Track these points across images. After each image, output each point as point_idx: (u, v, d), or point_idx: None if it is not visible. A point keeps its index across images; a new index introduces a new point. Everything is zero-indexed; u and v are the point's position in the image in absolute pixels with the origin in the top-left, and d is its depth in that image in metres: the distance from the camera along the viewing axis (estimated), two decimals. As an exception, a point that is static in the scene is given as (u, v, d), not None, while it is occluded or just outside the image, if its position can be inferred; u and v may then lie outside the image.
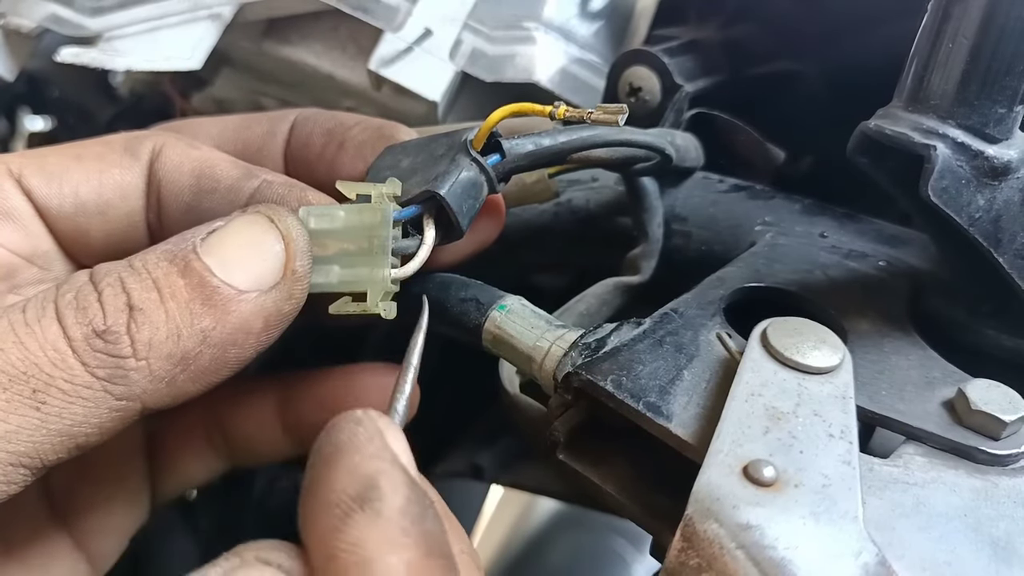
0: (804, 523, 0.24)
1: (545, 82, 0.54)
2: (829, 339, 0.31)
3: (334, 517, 0.23)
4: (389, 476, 0.23)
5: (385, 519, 0.22)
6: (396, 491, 0.23)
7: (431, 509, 0.24)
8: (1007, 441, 0.29)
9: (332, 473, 0.24)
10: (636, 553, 1.00)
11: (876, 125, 0.31)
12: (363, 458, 0.24)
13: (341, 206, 0.33)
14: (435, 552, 0.23)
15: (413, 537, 0.22)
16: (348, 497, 0.23)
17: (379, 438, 0.24)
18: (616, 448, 0.33)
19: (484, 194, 0.35)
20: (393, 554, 0.22)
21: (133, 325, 0.28)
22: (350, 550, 0.22)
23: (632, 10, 0.59)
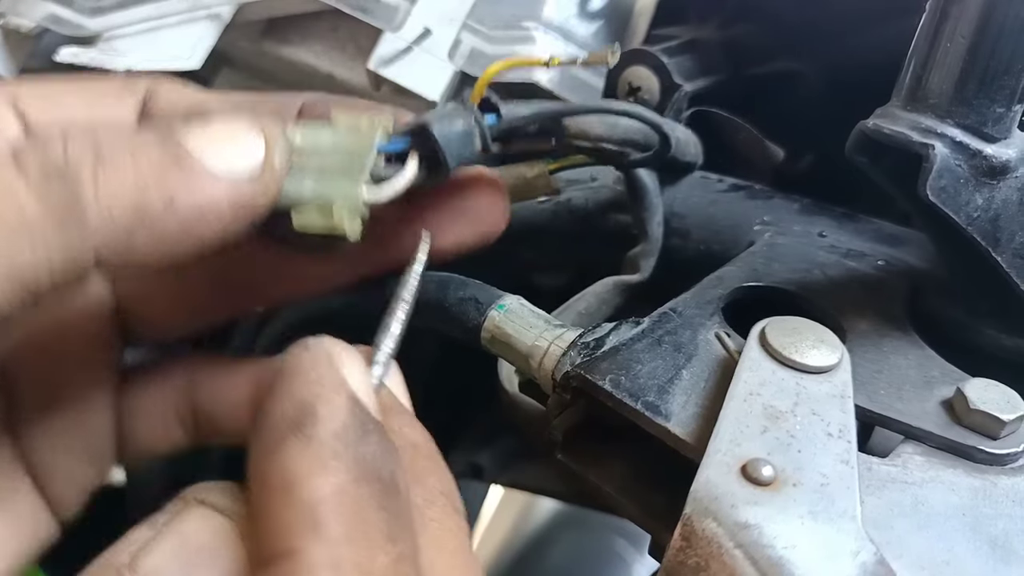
0: (802, 522, 0.24)
1: (544, 82, 0.54)
2: (827, 338, 0.31)
3: (269, 442, 0.22)
4: (327, 400, 0.23)
5: (317, 443, 0.22)
6: (332, 416, 0.22)
7: (374, 436, 0.23)
8: (1005, 440, 0.29)
9: (272, 400, 0.23)
10: (636, 553, 1.00)
11: (874, 124, 0.31)
12: (303, 383, 0.23)
13: (330, 127, 0.33)
14: (368, 477, 0.22)
15: (344, 461, 0.22)
16: (283, 422, 0.22)
17: (325, 363, 0.24)
18: (615, 448, 0.33)
19: (476, 146, 0.34)
20: (319, 477, 0.21)
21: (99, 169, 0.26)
22: (278, 474, 0.22)
23: (631, 10, 0.59)
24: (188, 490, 0.24)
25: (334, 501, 0.21)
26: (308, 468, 0.22)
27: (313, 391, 0.23)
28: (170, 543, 0.22)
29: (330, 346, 0.25)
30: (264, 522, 0.22)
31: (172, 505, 0.24)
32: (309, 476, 0.21)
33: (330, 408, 0.23)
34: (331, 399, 0.23)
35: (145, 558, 0.22)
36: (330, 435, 0.22)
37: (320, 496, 0.21)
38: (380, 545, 0.21)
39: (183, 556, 0.22)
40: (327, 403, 0.23)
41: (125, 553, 0.22)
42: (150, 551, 0.22)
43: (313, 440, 0.22)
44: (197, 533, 0.23)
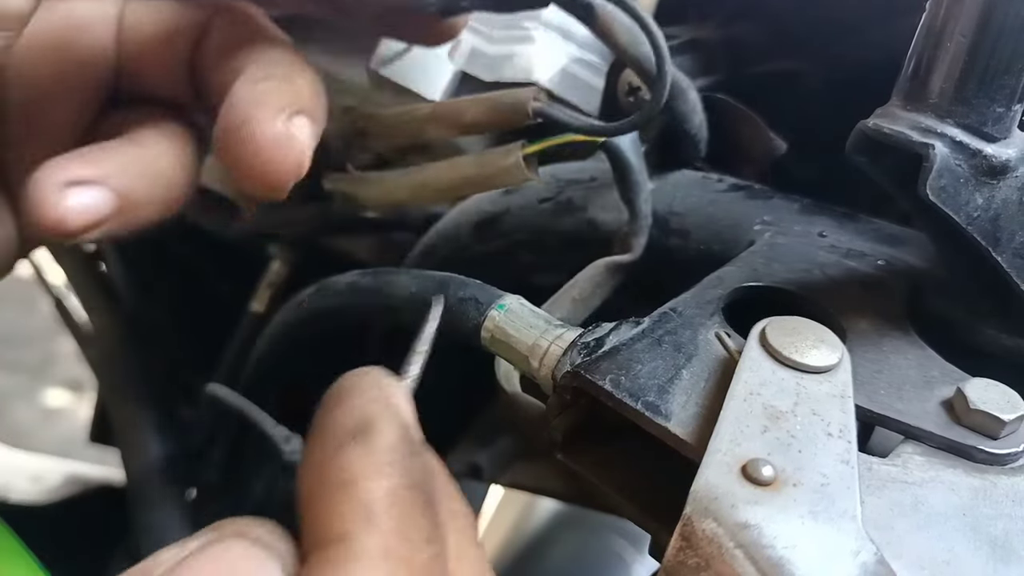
0: (802, 522, 0.24)
1: (544, 82, 0.54)
2: (828, 338, 0.31)
3: (329, 448, 0.24)
4: (384, 417, 0.25)
5: (375, 450, 0.24)
6: (389, 430, 0.25)
7: (421, 456, 0.25)
8: (1006, 440, 0.29)
9: (333, 413, 0.25)
10: (636, 553, 1.00)
11: (874, 124, 0.31)
12: (363, 401, 0.25)
13: None
14: (417, 487, 0.24)
15: (398, 469, 0.24)
16: (344, 431, 0.25)
17: (381, 387, 0.26)
18: (615, 448, 0.33)
19: None
20: (376, 480, 0.23)
21: None
22: (338, 473, 0.24)
23: (631, 10, 0.59)
24: (227, 521, 0.25)
25: (387, 501, 0.23)
26: (366, 470, 0.24)
27: (374, 409, 0.25)
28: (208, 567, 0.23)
29: (386, 376, 0.27)
30: (320, 514, 0.23)
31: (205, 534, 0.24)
32: (367, 477, 0.23)
33: (387, 424, 0.25)
34: (389, 417, 0.25)
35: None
36: (387, 446, 0.24)
37: (376, 495, 0.23)
38: (421, 544, 0.23)
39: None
40: (385, 420, 0.25)
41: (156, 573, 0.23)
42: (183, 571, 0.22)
43: (372, 448, 0.24)
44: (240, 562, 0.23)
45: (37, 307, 2.24)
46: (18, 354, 2.39)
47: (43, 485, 1.01)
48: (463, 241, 0.50)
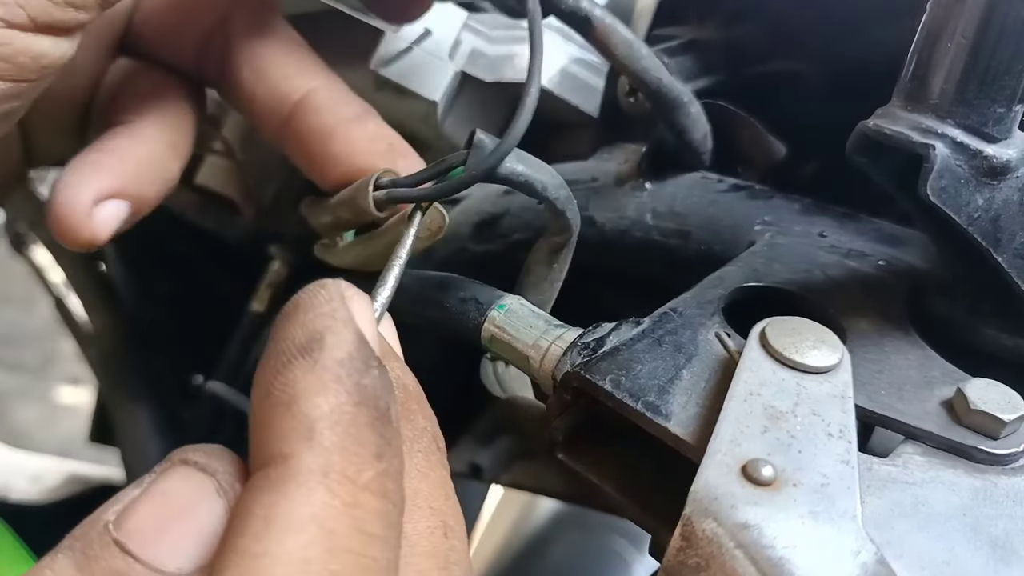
0: (803, 522, 0.24)
1: (545, 82, 0.54)
2: (828, 338, 0.31)
3: (277, 363, 0.24)
4: (335, 332, 0.24)
5: (321, 366, 0.23)
6: (339, 345, 0.24)
7: (376, 371, 0.24)
8: (1006, 440, 0.29)
9: (285, 327, 0.25)
10: (636, 553, 1.00)
11: (875, 124, 0.31)
12: (316, 314, 0.24)
13: None
14: (366, 403, 0.23)
15: (346, 385, 0.23)
16: (292, 347, 0.24)
17: (338, 300, 0.25)
18: (615, 448, 0.33)
19: None
20: (320, 395, 0.23)
21: None
22: (282, 389, 0.23)
23: (632, 10, 0.59)
24: (175, 451, 0.25)
25: (331, 418, 0.22)
26: (310, 387, 0.23)
27: (324, 323, 0.24)
28: (152, 500, 0.23)
29: (344, 287, 0.26)
30: (263, 432, 0.23)
31: (159, 465, 0.25)
32: (310, 394, 0.23)
33: (338, 339, 0.24)
34: (340, 331, 0.24)
35: (128, 515, 0.23)
36: (335, 361, 0.23)
37: (319, 413, 0.22)
38: (368, 460, 0.23)
39: (163, 511, 0.23)
40: (335, 334, 0.24)
41: (111, 511, 0.23)
42: (134, 508, 0.23)
43: (318, 364, 0.23)
44: (178, 490, 0.24)
45: (37, 307, 2.24)
46: (18, 354, 2.39)
47: (43, 485, 1.01)
48: (463, 241, 0.50)
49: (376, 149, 0.38)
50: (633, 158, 0.49)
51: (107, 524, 0.23)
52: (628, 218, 0.46)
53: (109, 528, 0.23)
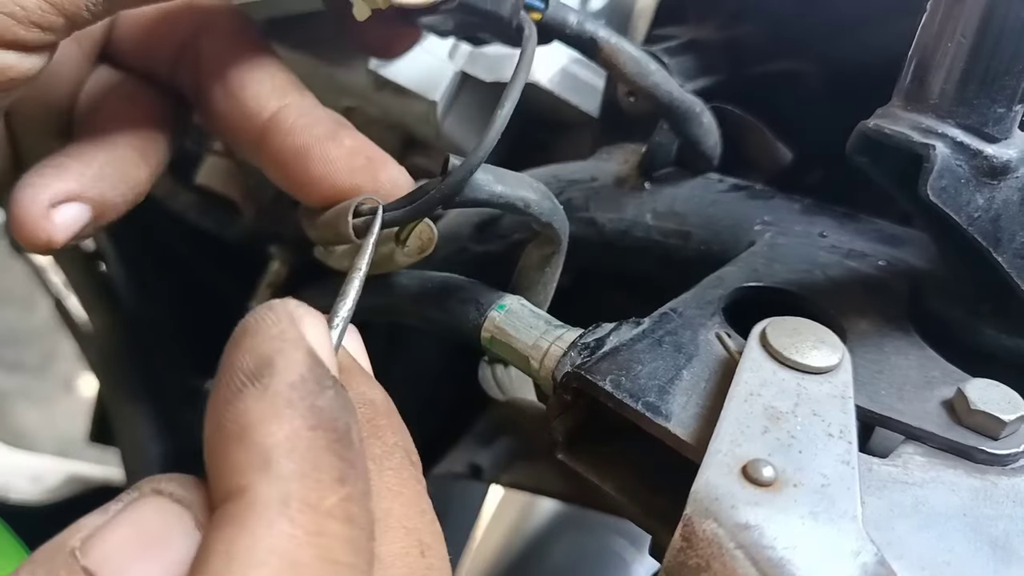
0: (803, 523, 0.24)
1: (545, 82, 0.54)
2: (828, 339, 0.31)
3: (227, 392, 0.23)
4: (285, 354, 0.23)
5: (272, 392, 0.22)
6: (289, 368, 0.23)
7: (331, 391, 0.23)
8: (1006, 441, 0.29)
9: (233, 354, 0.24)
10: (636, 553, 1.00)
11: (875, 124, 0.31)
12: (264, 338, 0.24)
13: None
14: (323, 426, 0.23)
15: (299, 410, 0.22)
16: (242, 373, 0.23)
17: (287, 321, 0.24)
18: (615, 448, 0.33)
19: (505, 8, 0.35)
20: (273, 423, 0.22)
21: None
22: (233, 420, 0.22)
23: (632, 10, 0.59)
24: (144, 481, 0.24)
25: (286, 445, 0.22)
26: (263, 415, 0.22)
27: (273, 346, 0.24)
28: (123, 529, 0.23)
29: (293, 307, 0.25)
30: (219, 466, 0.22)
31: (127, 494, 0.24)
32: (263, 422, 0.22)
33: (288, 361, 0.23)
34: (290, 353, 0.23)
35: (96, 542, 0.22)
36: (286, 385, 0.23)
37: (273, 440, 0.22)
38: (330, 486, 0.22)
39: (136, 542, 0.23)
40: (285, 357, 0.23)
41: (76, 537, 0.22)
42: (102, 536, 0.22)
43: (269, 390, 0.23)
44: (152, 520, 0.23)
45: (37, 307, 2.24)
46: (18, 354, 2.39)
47: (43, 485, 1.01)
48: (463, 241, 0.50)
49: (355, 165, 0.37)
50: (633, 158, 0.49)
51: (73, 550, 0.22)
52: (628, 218, 0.46)
53: (76, 554, 0.22)
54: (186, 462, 0.82)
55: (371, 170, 0.37)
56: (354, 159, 0.37)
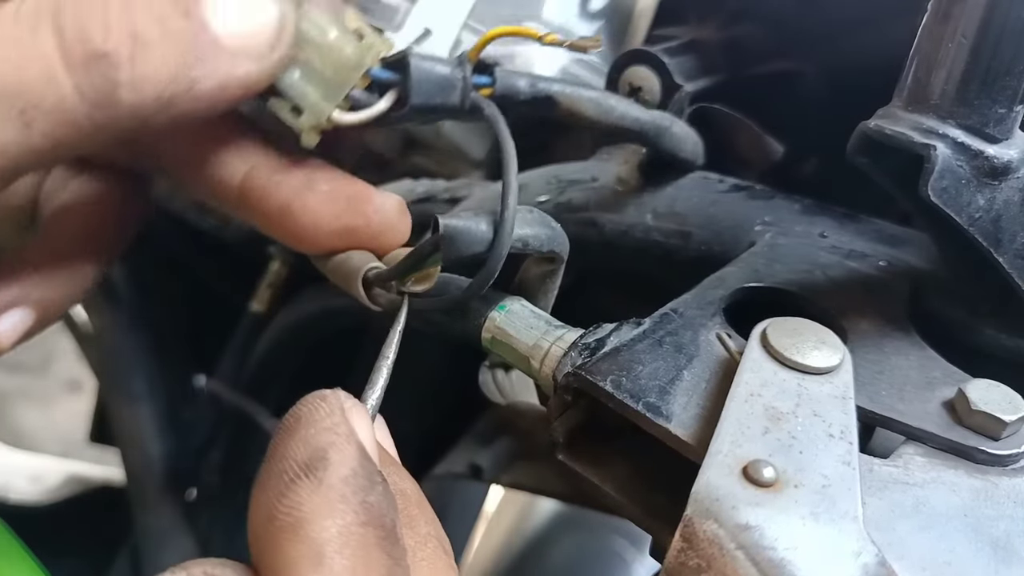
0: (804, 523, 0.24)
1: (545, 82, 0.54)
2: (829, 339, 0.31)
3: (280, 483, 0.23)
4: (339, 448, 0.24)
5: (327, 486, 0.23)
6: (343, 462, 0.23)
7: (380, 486, 0.24)
8: (1007, 441, 0.29)
9: (286, 443, 0.24)
10: (636, 553, 1.00)
11: (876, 125, 0.31)
12: (317, 430, 0.24)
13: (336, 26, 0.34)
14: (373, 522, 0.23)
15: (352, 505, 0.23)
16: (296, 464, 0.23)
17: (339, 414, 0.25)
18: (616, 448, 0.33)
19: (453, 99, 0.35)
20: (328, 518, 0.22)
21: (137, 55, 0.28)
22: (287, 512, 0.22)
23: (632, 10, 0.59)
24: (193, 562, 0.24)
25: (340, 541, 0.22)
26: (317, 509, 0.22)
27: (327, 438, 0.24)
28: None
29: (344, 399, 0.26)
30: (270, 558, 0.22)
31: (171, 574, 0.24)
32: (318, 516, 0.22)
33: (342, 456, 0.24)
34: (343, 448, 0.24)
35: None
36: (340, 480, 0.23)
37: (327, 536, 0.22)
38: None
39: None
40: (339, 451, 0.24)
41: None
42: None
43: (324, 483, 0.23)
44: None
45: (37, 307, 2.23)
46: (18, 354, 2.38)
47: (43, 485, 1.01)
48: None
49: (338, 209, 0.36)
50: (633, 158, 0.49)
51: None
52: (628, 218, 0.46)
53: None
54: (186, 462, 0.82)
55: (356, 209, 0.36)
56: (335, 203, 0.36)
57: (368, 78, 0.34)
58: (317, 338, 0.69)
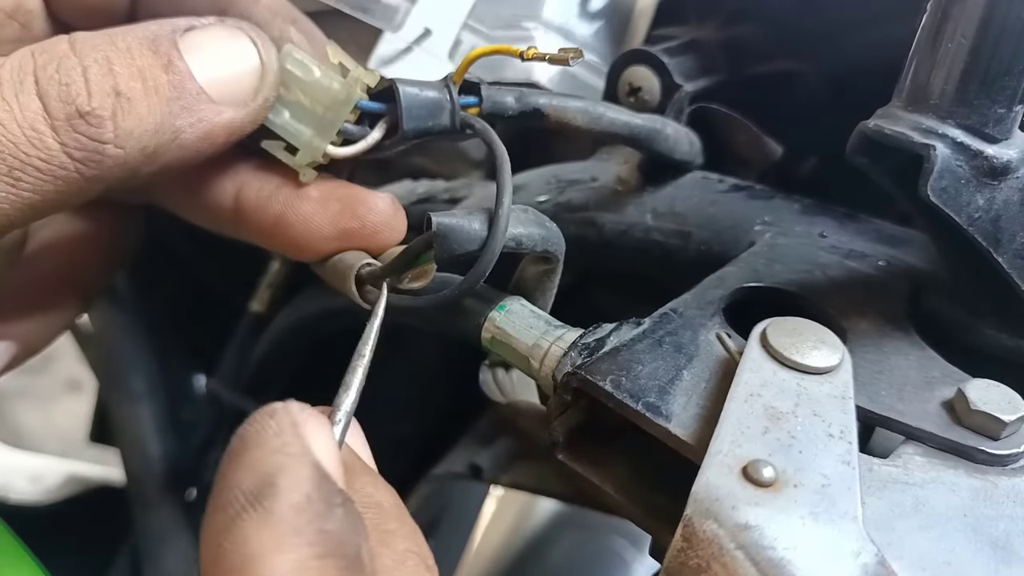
0: (803, 523, 0.24)
1: (545, 82, 0.54)
2: (828, 339, 0.31)
3: (226, 517, 0.21)
4: (289, 472, 0.22)
5: (276, 517, 0.21)
6: (295, 488, 0.21)
7: (339, 510, 0.22)
8: (1006, 441, 0.29)
9: (231, 471, 0.22)
10: (636, 553, 0.99)
11: (875, 125, 0.31)
12: (264, 452, 0.22)
13: (318, 64, 0.34)
14: (333, 553, 0.21)
15: (307, 536, 0.21)
16: (241, 494, 0.21)
17: (290, 431, 0.23)
18: (615, 448, 0.33)
19: (444, 120, 0.36)
20: (279, 553, 0.20)
21: (119, 112, 0.29)
22: (234, 548, 0.20)
23: (632, 10, 0.59)
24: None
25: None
26: (266, 544, 0.20)
27: (275, 461, 0.22)
28: None
29: (296, 412, 0.24)
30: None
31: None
32: (267, 553, 0.20)
33: (292, 480, 0.21)
34: (294, 470, 0.22)
35: None
36: (291, 509, 0.21)
37: (279, 572, 0.20)
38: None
39: None
40: (289, 474, 0.22)
41: None
42: None
43: (273, 514, 0.21)
44: None
45: (37, 307, 2.23)
46: (18, 354, 2.38)
47: (43, 485, 1.01)
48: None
49: (332, 213, 0.36)
50: (633, 158, 0.49)
51: None
52: (628, 218, 0.46)
53: None
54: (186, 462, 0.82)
55: (349, 211, 0.36)
56: (328, 208, 0.36)
57: (358, 110, 0.35)
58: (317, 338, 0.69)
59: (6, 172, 0.28)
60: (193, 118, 0.30)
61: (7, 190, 0.28)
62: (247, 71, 0.32)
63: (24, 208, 0.29)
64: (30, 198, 0.29)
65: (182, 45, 0.30)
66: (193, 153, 0.31)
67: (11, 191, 0.28)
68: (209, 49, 0.31)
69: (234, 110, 0.31)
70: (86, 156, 0.29)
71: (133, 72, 0.29)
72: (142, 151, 0.29)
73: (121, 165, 0.29)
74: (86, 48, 0.29)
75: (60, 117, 0.28)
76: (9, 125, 0.27)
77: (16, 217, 0.29)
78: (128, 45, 0.30)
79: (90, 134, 0.28)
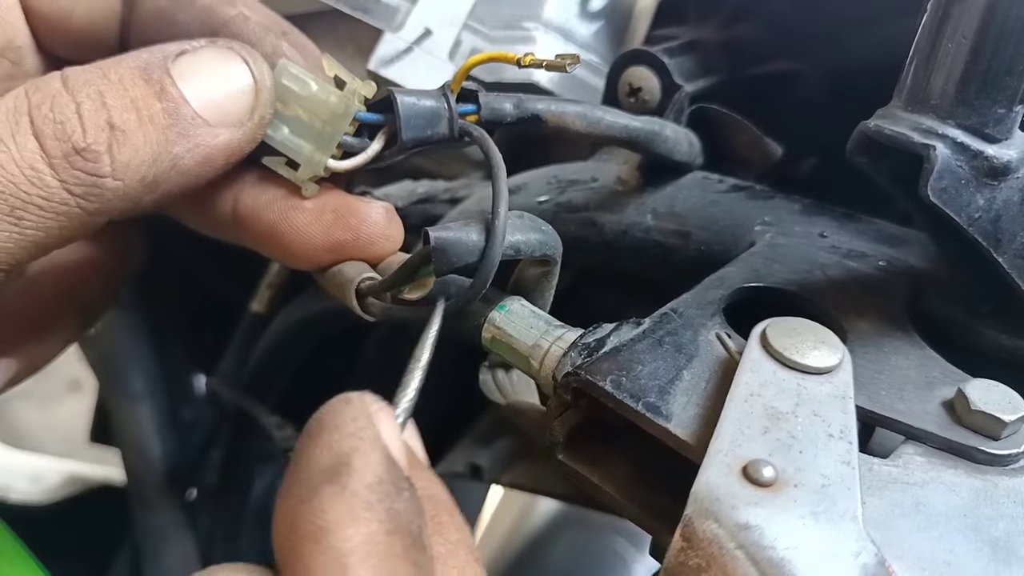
0: (803, 523, 0.24)
1: (544, 82, 0.54)
2: (828, 339, 0.31)
3: (304, 490, 0.23)
4: (363, 454, 0.23)
5: (351, 493, 0.22)
6: (368, 468, 0.23)
7: (407, 493, 0.23)
8: (1007, 441, 0.29)
9: (310, 449, 0.24)
10: (636, 553, 1.00)
11: (875, 125, 0.31)
12: (341, 435, 0.24)
13: (315, 78, 0.34)
14: (400, 530, 0.22)
15: (377, 513, 0.22)
16: (319, 471, 0.23)
17: (364, 418, 0.24)
18: (615, 448, 0.33)
19: (442, 129, 0.36)
20: (352, 526, 0.22)
21: (115, 145, 0.29)
22: (310, 520, 0.22)
23: (632, 10, 0.59)
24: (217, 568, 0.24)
25: (364, 551, 0.22)
26: (341, 517, 0.22)
27: (351, 444, 0.24)
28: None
29: (370, 402, 0.25)
30: (293, 567, 0.22)
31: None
32: (341, 525, 0.22)
33: (366, 461, 0.23)
34: (368, 453, 0.23)
35: None
36: (364, 487, 0.23)
37: (351, 545, 0.22)
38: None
39: None
40: (364, 457, 0.23)
41: None
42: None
43: (347, 490, 0.22)
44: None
45: (37, 307, 2.23)
46: (18, 353, 2.38)
47: (43, 485, 1.01)
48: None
49: (326, 223, 0.36)
50: (633, 159, 0.49)
51: None
52: (628, 218, 0.46)
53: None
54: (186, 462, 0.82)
55: (343, 223, 0.36)
56: (322, 219, 0.36)
57: (357, 122, 0.35)
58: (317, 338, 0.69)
59: (8, 212, 0.28)
60: (190, 143, 0.30)
61: (10, 229, 0.28)
62: (241, 91, 0.32)
63: (29, 246, 0.29)
64: (34, 235, 0.29)
65: (174, 71, 0.30)
66: (194, 178, 0.31)
67: (14, 230, 0.29)
68: (201, 72, 0.31)
69: (231, 131, 0.31)
70: (86, 191, 0.29)
71: (126, 103, 0.29)
72: (141, 181, 0.30)
73: (121, 197, 0.30)
74: (78, 84, 0.29)
75: (57, 155, 0.28)
76: (8, 166, 0.28)
77: (21, 255, 0.29)
78: (120, 76, 0.30)
79: (88, 169, 0.29)
